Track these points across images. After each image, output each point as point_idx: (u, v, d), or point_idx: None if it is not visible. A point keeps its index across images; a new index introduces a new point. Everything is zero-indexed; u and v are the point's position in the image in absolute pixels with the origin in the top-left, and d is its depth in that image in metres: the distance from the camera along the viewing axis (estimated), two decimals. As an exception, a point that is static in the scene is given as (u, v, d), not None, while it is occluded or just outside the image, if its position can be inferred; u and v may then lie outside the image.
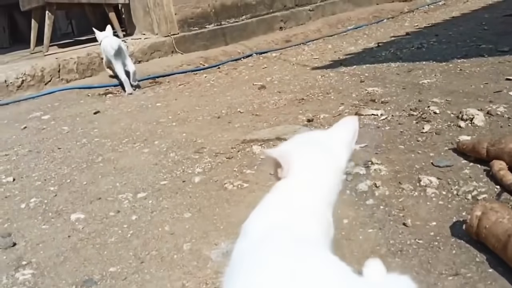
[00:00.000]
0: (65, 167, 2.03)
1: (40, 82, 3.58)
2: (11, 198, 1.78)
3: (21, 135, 2.59)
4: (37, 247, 1.40)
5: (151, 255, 1.29)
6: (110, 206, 1.62)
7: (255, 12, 5.03)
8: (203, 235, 1.35)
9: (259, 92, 2.95)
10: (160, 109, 2.87)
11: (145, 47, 4.22)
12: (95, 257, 1.31)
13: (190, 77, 3.73)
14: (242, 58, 4.23)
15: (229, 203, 1.54)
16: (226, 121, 2.43)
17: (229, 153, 1.96)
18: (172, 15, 4.36)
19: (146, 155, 2.07)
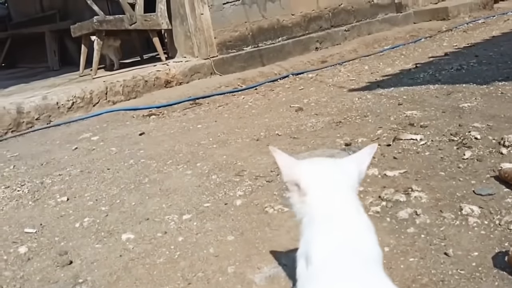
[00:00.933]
0: (115, 187, 2.14)
1: (89, 104, 3.78)
2: (66, 217, 1.90)
3: (72, 156, 2.74)
4: (91, 266, 1.50)
5: (198, 276, 1.36)
6: (157, 227, 1.70)
7: (291, 34, 5.13)
8: (246, 258, 1.41)
9: (297, 114, 3.01)
10: (201, 130, 2.97)
11: (186, 69, 4.37)
12: (146, 277, 1.39)
13: (228, 99, 3.84)
14: (278, 79, 4.31)
15: (270, 227, 1.59)
16: (265, 144, 2.49)
17: (269, 176, 2.02)
18: (212, 39, 4.51)
19: (190, 177, 2.16)
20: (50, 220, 1.90)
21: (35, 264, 1.57)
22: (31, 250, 1.66)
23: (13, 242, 1.75)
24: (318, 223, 0.85)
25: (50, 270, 1.51)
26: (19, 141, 3.29)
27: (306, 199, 0.89)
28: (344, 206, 0.87)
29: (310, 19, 5.27)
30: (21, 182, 2.39)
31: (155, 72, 4.26)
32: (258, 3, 4.83)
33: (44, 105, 3.63)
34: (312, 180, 0.90)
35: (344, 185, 0.90)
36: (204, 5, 4.46)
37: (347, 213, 0.85)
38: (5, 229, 1.87)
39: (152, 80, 4.20)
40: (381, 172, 1.86)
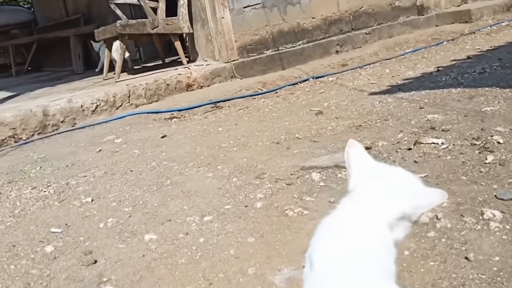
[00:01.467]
0: (138, 189, 2.19)
1: (112, 107, 3.86)
2: (90, 218, 1.95)
3: (96, 158, 2.80)
4: (115, 265, 1.54)
5: (219, 277, 1.38)
6: (179, 228, 1.74)
7: (311, 37, 5.14)
8: (267, 260, 1.43)
9: (317, 117, 3.02)
10: (222, 133, 3.00)
11: (207, 73, 4.42)
12: (168, 277, 1.42)
13: (249, 102, 3.87)
14: (299, 82, 4.32)
15: (290, 229, 1.61)
16: (285, 147, 2.51)
17: (288, 180, 2.04)
18: (233, 42, 4.55)
19: (210, 179, 2.19)
20: (75, 220, 1.95)
21: (61, 263, 1.62)
22: (57, 249, 1.72)
23: (40, 241, 1.80)
24: (324, 232, 0.84)
25: (76, 269, 1.56)
26: (45, 143, 3.37)
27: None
28: (361, 219, 0.83)
29: (330, 22, 5.27)
30: (47, 183, 2.46)
31: (177, 75, 4.32)
32: (278, 6, 4.86)
33: (69, 108, 3.72)
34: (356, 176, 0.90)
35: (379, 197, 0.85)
36: (225, 8, 4.50)
37: (361, 225, 0.82)
38: (32, 229, 1.93)
39: (174, 83, 4.26)
40: (402, 176, 1.86)
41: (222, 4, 4.47)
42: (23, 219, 2.04)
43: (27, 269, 1.61)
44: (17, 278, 1.56)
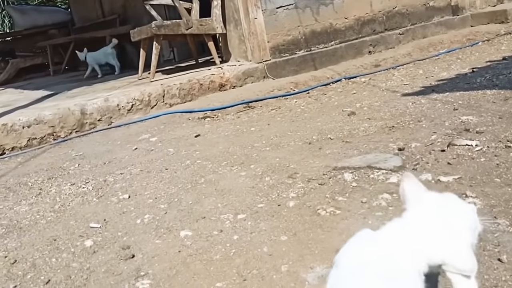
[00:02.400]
0: (173, 186, 2.25)
1: (147, 106, 3.95)
2: (128, 214, 2.02)
3: (132, 155, 2.89)
4: (152, 260, 1.60)
5: (253, 273, 1.42)
6: (213, 225, 1.78)
7: (344, 38, 5.12)
8: (299, 258, 1.46)
9: (349, 118, 3.02)
10: (254, 133, 3.04)
11: (240, 73, 4.47)
12: (203, 272, 1.47)
13: (281, 102, 3.89)
14: (331, 83, 4.32)
15: (323, 229, 1.63)
16: (317, 147, 2.53)
17: (321, 179, 2.06)
18: (265, 43, 4.59)
19: (244, 178, 2.23)
20: (113, 216, 2.02)
21: (100, 257, 1.68)
22: (96, 244, 1.79)
23: (79, 236, 1.88)
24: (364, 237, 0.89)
25: (114, 263, 1.62)
26: (83, 141, 3.49)
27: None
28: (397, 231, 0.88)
29: (363, 22, 5.24)
30: (85, 179, 2.55)
31: (210, 75, 4.39)
32: (311, 7, 4.86)
33: (105, 107, 3.84)
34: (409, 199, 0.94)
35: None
36: (258, 9, 4.54)
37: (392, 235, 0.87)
38: (71, 224, 2.01)
39: (207, 83, 4.33)
40: (435, 177, 1.85)
41: (255, 5, 4.51)
42: (63, 214, 2.13)
43: (67, 262, 1.68)
44: (59, 270, 1.63)
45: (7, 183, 2.69)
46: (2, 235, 1.98)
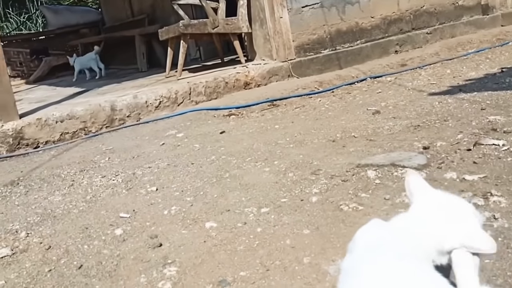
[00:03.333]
0: (198, 180, 2.31)
1: (174, 104, 4.04)
2: (155, 205, 2.08)
3: (160, 150, 2.97)
4: (179, 249, 1.66)
5: (275, 264, 1.46)
6: (237, 218, 1.83)
7: (370, 37, 5.11)
8: (321, 251, 1.49)
9: (373, 117, 3.03)
10: (278, 131, 3.07)
11: (264, 72, 4.52)
12: (227, 262, 1.52)
13: (305, 101, 3.92)
14: (356, 82, 4.32)
15: (345, 223, 1.66)
16: (341, 145, 2.55)
17: (344, 176, 2.08)
18: (290, 42, 4.62)
19: (267, 174, 2.28)
20: (142, 207, 2.09)
21: (129, 245, 1.75)
22: (126, 233, 1.86)
23: (110, 225, 1.96)
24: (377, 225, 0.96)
25: (143, 251, 1.69)
26: (113, 136, 3.60)
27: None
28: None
29: (390, 21, 5.21)
30: (115, 172, 2.64)
31: (235, 74, 4.45)
32: (337, 6, 4.87)
33: (134, 104, 3.94)
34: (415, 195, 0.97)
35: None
36: (283, 8, 4.58)
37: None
38: (102, 213, 2.09)
39: (232, 81, 4.39)
40: (460, 176, 1.86)
41: (280, 4, 4.55)
42: (94, 205, 2.22)
43: (99, 249, 1.76)
44: (90, 256, 1.71)
45: (41, 175, 2.80)
46: (37, 223, 2.07)
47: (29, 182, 2.71)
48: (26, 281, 1.60)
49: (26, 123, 3.56)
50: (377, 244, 0.88)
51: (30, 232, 1.99)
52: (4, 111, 3.58)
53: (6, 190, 2.61)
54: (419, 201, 0.95)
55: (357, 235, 0.96)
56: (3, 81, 3.61)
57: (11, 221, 2.15)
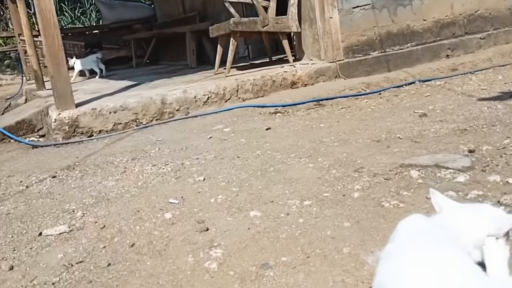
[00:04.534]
0: (244, 173, 2.40)
1: (222, 100, 4.16)
2: (203, 194, 2.19)
3: (207, 143, 3.08)
4: (224, 234, 1.75)
5: (316, 252, 1.52)
6: (280, 208, 1.90)
7: (421, 40, 5.04)
8: (361, 242, 1.54)
9: (420, 119, 3.02)
10: (323, 129, 3.12)
11: (312, 71, 4.56)
12: (270, 248, 1.59)
13: (351, 102, 3.93)
14: (404, 85, 4.29)
15: (385, 219, 1.70)
16: (385, 145, 2.57)
17: (387, 175, 2.11)
18: (339, 43, 4.64)
19: (311, 170, 2.33)
20: (189, 195, 2.20)
21: (178, 228, 1.86)
22: (175, 217, 1.97)
23: (159, 209, 2.08)
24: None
25: (190, 234, 1.79)
26: (162, 128, 3.75)
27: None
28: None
29: (442, 25, 5.12)
30: (165, 162, 2.77)
31: (283, 73, 4.52)
32: (388, 7, 4.84)
33: (184, 98, 4.08)
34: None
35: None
36: (334, 8, 4.60)
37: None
38: (153, 199, 2.22)
39: (279, 80, 4.46)
40: (504, 179, 1.85)
41: (331, 4, 4.57)
42: (145, 190, 2.35)
43: (149, 230, 1.88)
44: (142, 236, 1.83)
45: (95, 161, 2.98)
46: (93, 204, 2.23)
47: (84, 167, 2.89)
48: (83, 255, 1.73)
49: (82, 112, 3.78)
50: (418, 233, 0.94)
51: (85, 212, 2.14)
52: (62, 100, 3.81)
53: (63, 174, 2.80)
54: (448, 209, 1.07)
55: (399, 226, 1.02)
56: (61, 71, 3.83)
57: (68, 201, 2.32)
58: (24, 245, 1.86)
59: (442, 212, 1.07)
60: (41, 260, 1.72)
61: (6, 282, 1.60)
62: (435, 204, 1.11)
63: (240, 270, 1.48)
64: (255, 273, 1.45)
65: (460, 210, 1.06)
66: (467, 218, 1.00)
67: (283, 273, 1.43)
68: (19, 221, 2.12)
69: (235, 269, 1.49)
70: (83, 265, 1.65)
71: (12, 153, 3.55)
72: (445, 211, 1.07)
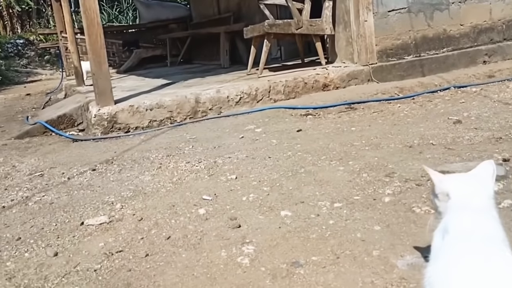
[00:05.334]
0: (275, 173, 2.45)
1: (254, 100, 4.22)
2: (234, 192, 2.25)
3: (239, 143, 3.15)
4: (256, 231, 1.80)
5: (345, 254, 1.56)
6: (311, 209, 1.95)
7: (457, 45, 4.98)
8: (391, 246, 1.57)
9: (454, 126, 3.00)
10: (354, 133, 3.14)
11: (344, 74, 4.58)
12: (300, 247, 1.64)
13: (384, 106, 3.93)
14: (438, 90, 4.25)
15: (416, 224, 1.72)
16: (418, 151, 2.57)
17: (418, 181, 2.12)
18: (373, 46, 4.63)
19: (341, 172, 2.36)
20: (222, 192, 2.27)
21: (211, 224, 1.93)
22: (208, 213, 2.04)
23: (193, 205, 2.15)
24: (456, 210, 1.09)
25: (223, 230, 1.86)
26: (196, 126, 3.84)
27: (450, 201, 1.16)
28: (477, 203, 1.10)
29: (480, 30, 5.04)
30: (198, 159, 2.85)
31: (315, 75, 4.55)
32: (425, 12, 4.80)
33: (217, 98, 4.17)
34: (455, 188, 1.17)
35: (478, 191, 1.13)
36: (369, 12, 4.60)
37: (479, 206, 1.08)
38: (187, 194, 2.29)
39: (311, 82, 4.49)
40: (539, 189, 1.84)
41: (366, 8, 4.57)
42: (179, 186, 2.43)
43: (184, 224, 1.95)
44: (177, 230, 1.90)
45: (132, 156, 3.09)
46: (130, 197, 2.32)
47: (122, 162, 3.00)
48: (122, 245, 1.82)
49: (120, 108, 3.91)
50: (470, 231, 1.00)
51: (124, 204, 2.24)
52: (102, 97, 3.96)
53: (102, 167, 2.92)
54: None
55: (449, 222, 1.08)
56: (103, 69, 3.98)
57: (107, 194, 2.42)
58: (67, 233, 1.97)
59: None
60: (83, 248, 1.82)
61: (51, 267, 1.70)
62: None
63: (272, 267, 1.53)
64: (286, 270, 1.50)
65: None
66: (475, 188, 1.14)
67: (313, 271, 1.47)
68: (62, 211, 2.23)
69: (267, 266, 1.54)
70: (122, 254, 1.73)
71: (53, 146, 3.72)
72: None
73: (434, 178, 1.23)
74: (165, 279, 1.54)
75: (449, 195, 1.16)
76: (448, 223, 1.06)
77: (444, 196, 1.18)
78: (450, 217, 1.08)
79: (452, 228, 1.02)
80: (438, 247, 1.04)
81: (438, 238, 1.07)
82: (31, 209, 2.32)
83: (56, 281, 1.61)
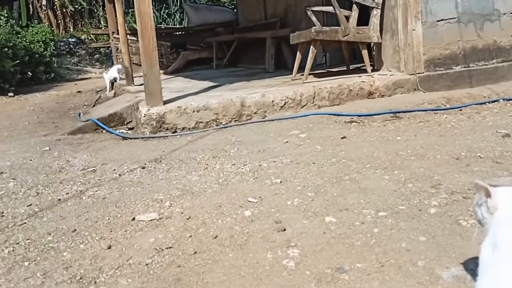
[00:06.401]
0: (319, 179, 2.49)
1: (298, 105, 4.27)
2: (279, 195, 2.31)
3: (283, 148, 3.20)
4: (300, 236, 1.85)
5: (390, 262, 1.58)
6: (355, 217, 1.97)
7: (507, 56, 4.86)
8: (436, 257, 1.58)
9: (503, 140, 2.94)
10: (400, 142, 3.13)
11: (390, 83, 4.55)
12: (345, 253, 1.68)
13: (430, 116, 3.88)
14: (487, 102, 4.15)
15: (462, 237, 1.72)
16: (465, 164, 2.54)
17: (465, 193, 2.11)
18: (420, 55, 4.58)
19: (386, 182, 2.38)
20: (267, 195, 2.33)
21: (256, 226, 1.99)
22: (254, 215, 2.10)
23: (239, 206, 2.22)
24: (506, 224, 1.11)
25: (268, 232, 1.91)
26: (241, 129, 3.92)
27: (496, 214, 1.18)
28: None
29: (533, 42, 4.89)
30: (243, 162, 2.92)
31: (360, 82, 4.54)
32: (475, 22, 4.71)
33: (262, 102, 4.24)
34: (506, 202, 1.19)
35: None
36: (417, 21, 4.55)
37: None
38: (233, 196, 2.37)
39: (356, 90, 4.49)
40: None
41: (415, 17, 4.53)
42: (225, 187, 2.51)
43: (230, 225, 2.02)
44: (224, 230, 1.98)
45: (180, 156, 3.20)
46: (178, 196, 2.42)
47: (170, 161, 3.12)
48: (171, 241, 1.91)
49: (168, 109, 4.05)
50: None
51: (172, 203, 2.34)
52: (152, 97, 4.11)
53: (151, 166, 3.04)
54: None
55: (498, 236, 1.10)
56: (153, 70, 4.13)
57: (156, 191, 2.53)
58: (119, 228, 2.08)
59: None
60: (135, 242, 1.92)
61: (105, 259, 1.81)
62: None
63: (316, 271, 1.57)
64: (330, 276, 1.54)
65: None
66: None
67: (357, 278, 1.51)
68: (114, 206, 2.36)
69: (312, 270, 1.59)
70: (172, 251, 1.82)
71: (104, 143, 3.89)
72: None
73: (489, 190, 1.23)
74: (213, 277, 1.61)
75: (497, 208, 1.18)
76: (498, 237, 1.07)
77: (493, 209, 1.20)
78: (499, 231, 1.09)
79: (503, 242, 1.03)
80: (488, 260, 1.05)
81: (487, 251, 1.09)
82: (85, 203, 2.45)
83: (110, 272, 1.71)
